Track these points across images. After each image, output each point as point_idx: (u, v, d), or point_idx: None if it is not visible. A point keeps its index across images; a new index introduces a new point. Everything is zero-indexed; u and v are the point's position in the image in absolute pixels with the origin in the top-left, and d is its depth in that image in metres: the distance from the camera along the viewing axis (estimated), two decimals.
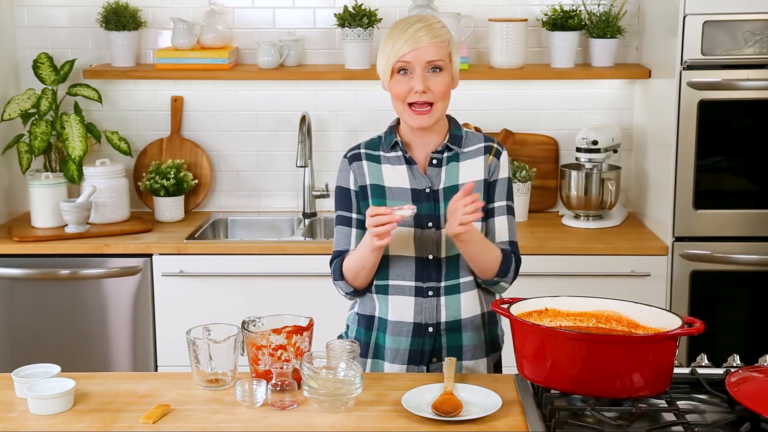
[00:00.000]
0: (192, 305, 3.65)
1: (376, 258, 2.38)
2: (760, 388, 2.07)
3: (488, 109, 4.11)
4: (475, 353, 2.47)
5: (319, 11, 4.10)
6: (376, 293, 2.48)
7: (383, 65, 2.40)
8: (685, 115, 3.52)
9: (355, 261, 2.41)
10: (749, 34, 3.46)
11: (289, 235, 4.05)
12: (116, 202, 3.91)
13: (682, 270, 3.59)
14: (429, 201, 2.43)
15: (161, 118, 4.17)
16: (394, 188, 2.44)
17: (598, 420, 2.03)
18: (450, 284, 2.44)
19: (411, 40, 2.34)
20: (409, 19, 2.40)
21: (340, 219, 2.50)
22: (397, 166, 2.46)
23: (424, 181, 2.44)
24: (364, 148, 2.51)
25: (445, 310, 2.44)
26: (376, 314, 2.49)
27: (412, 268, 2.43)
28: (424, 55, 2.34)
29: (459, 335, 2.45)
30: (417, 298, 2.44)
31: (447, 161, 2.45)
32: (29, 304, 3.71)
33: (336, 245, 2.51)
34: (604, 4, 3.99)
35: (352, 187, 2.49)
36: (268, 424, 2.11)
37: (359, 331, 2.53)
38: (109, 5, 4.01)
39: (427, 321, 2.44)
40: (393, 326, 2.46)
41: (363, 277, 2.43)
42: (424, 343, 2.45)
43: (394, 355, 2.47)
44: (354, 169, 2.49)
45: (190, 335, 2.30)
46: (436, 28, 2.37)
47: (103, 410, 2.19)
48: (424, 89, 2.34)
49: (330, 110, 4.14)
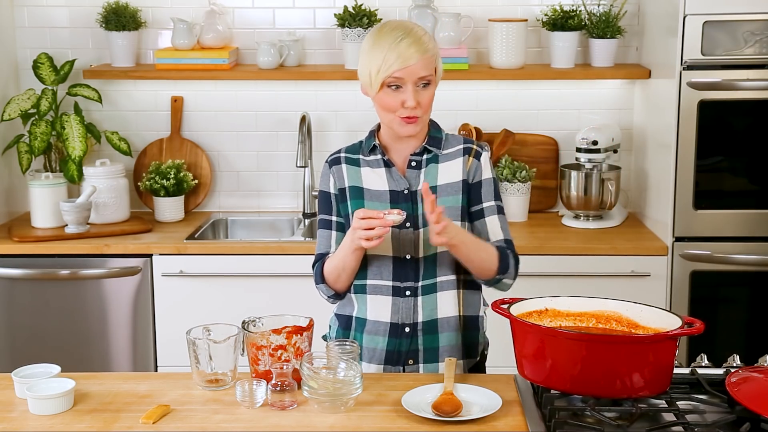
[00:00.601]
0: (192, 305, 3.65)
1: (356, 259, 2.40)
2: (760, 388, 2.07)
3: (488, 109, 4.11)
4: (452, 354, 2.47)
5: (319, 11, 4.10)
6: (354, 293, 2.50)
7: (369, 75, 2.37)
8: (685, 115, 3.52)
9: (335, 263, 2.43)
10: (749, 34, 3.46)
11: (289, 235, 4.05)
12: (116, 202, 3.91)
13: (682, 270, 3.59)
14: (407, 202, 2.44)
15: (161, 118, 4.17)
16: (372, 190, 2.46)
17: (598, 420, 2.03)
18: (427, 284, 2.45)
19: (402, 57, 2.32)
20: (397, 30, 2.36)
21: (322, 222, 2.54)
22: (376, 168, 2.48)
23: (402, 182, 2.45)
24: (344, 153, 2.54)
25: (421, 310, 2.44)
26: (354, 314, 2.50)
27: (389, 267, 2.45)
28: (416, 72, 2.34)
29: (435, 336, 2.46)
30: (394, 298, 2.45)
31: (426, 163, 2.47)
32: (29, 304, 3.71)
33: (318, 248, 2.53)
34: (604, 4, 3.99)
35: (332, 190, 2.51)
36: (268, 424, 2.11)
37: (338, 331, 2.55)
38: (109, 5, 4.01)
39: (403, 321, 2.45)
40: (370, 326, 2.47)
41: (344, 280, 2.45)
42: (401, 344, 2.46)
43: (371, 354, 2.48)
44: (333, 173, 2.51)
45: (190, 335, 2.30)
46: (424, 41, 2.36)
47: (103, 410, 2.19)
48: (415, 105, 2.36)
49: (330, 110, 4.14)
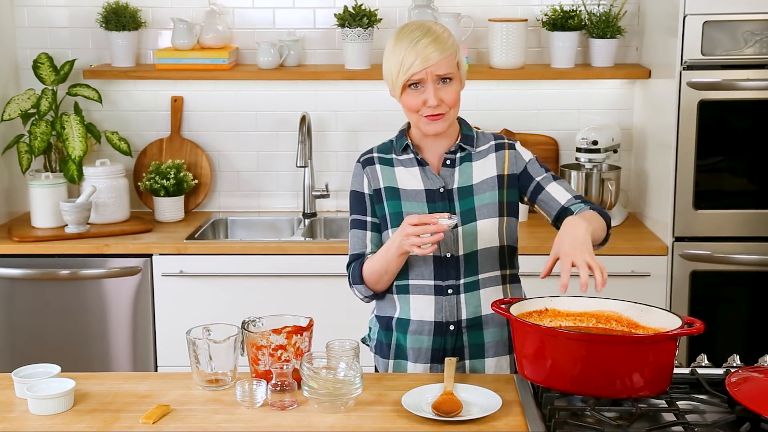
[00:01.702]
0: (192, 305, 3.65)
1: (401, 262, 2.39)
2: (760, 388, 2.07)
3: (488, 109, 4.11)
4: (498, 350, 2.47)
5: (319, 11, 4.10)
6: (396, 294, 2.48)
7: (392, 79, 2.38)
8: (685, 115, 3.52)
9: (378, 265, 2.41)
10: (749, 34, 3.46)
11: (289, 236, 4.05)
12: (116, 202, 3.91)
13: (682, 270, 3.59)
14: (444, 201, 2.43)
15: (161, 118, 4.17)
16: (408, 190, 2.45)
17: (598, 420, 2.03)
18: (469, 281, 2.44)
19: (421, 57, 2.32)
20: (415, 31, 2.36)
21: (355, 223, 2.51)
22: (410, 168, 2.47)
23: (438, 181, 2.45)
24: (377, 152, 2.52)
25: (465, 308, 2.44)
26: (395, 315, 2.49)
27: (430, 267, 2.44)
28: (436, 70, 2.34)
29: (480, 332, 2.45)
30: (437, 297, 2.44)
31: (460, 161, 2.46)
32: (29, 304, 3.72)
33: (352, 248, 2.51)
34: (604, 4, 4.00)
35: (366, 191, 2.50)
36: (268, 424, 2.11)
37: (380, 332, 2.53)
38: (109, 5, 4.01)
39: (447, 319, 2.44)
40: (414, 326, 2.46)
41: (385, 281, 2.45)
42: (446, 342, 2.45)
43: (416, 354, 2.47)
44: (368, 173, 2.50)
45: (190, 335, 2.30)
46: (443, 39, 2.36)
47: (103, 410, 2.19)
48: (437, 103, 2.36)
49: (330, 110, 4.14)
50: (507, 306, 2.23)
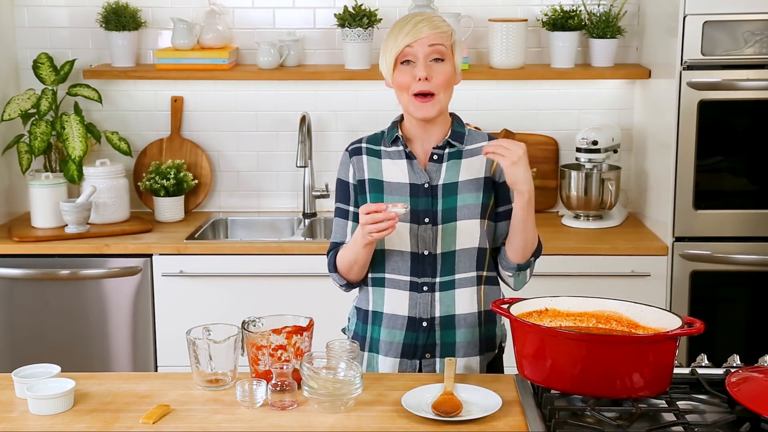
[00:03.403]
0: (192, 305, 3.65)
1: (368, 252, 2.40)
2: (760, 388, 2.07)
3: (488, 109, 4.11)
4: (468, 350, 2.48)
5: (319, 11, 4.10)
6: (372, 286, 2.50)
7: (386, 61, 2.41)
8: (685, 115, 3.52)
9: (348, 256, 2.44)
10: (749, 34, 3.46)
11: (289, 236, 4.05)
12: (116, 202, 3.91)
13: (682, 270, 3.59)
14: (427, 196, 2.43)
15: (161, 118, 4.17)
16: (392, 183, 2.46)
17: (598, 420, 2.03)
18: (445, 280, 2.44)
19: (412, 31, 2.36)
20: (410, 15, 2.43)
21: (338, 211, 2.54)
22: (397, 160, 2.47)
23: (423, 176, 2.45)
24: (366, 143, 2.53)
25: (439, 306, 2.45)
26: (370, 308, 2.51)
27: (407, 262, 2.45)
28: (426, 42, 2.36)
29: (453, 331, 2.46)
30: (412, 293, 2.45)
31: (448, 157, 2.46)
32: (29, 304, 3.71)
33: (333, 237, 2.54)
34: (604, 4, 3.99)
35: (351, 181, 2.51)
36: (268, 424, 2.11)
37: (358, 324, 2.55)
38: (109, 5, 4.01)
39: (421, 315, 2.45)
40: (388, 319, 2.48)
41: (356, 271, 2.46)
42: (418, 338, 2.46)
43: (387, 348, 2.48)
44: (354, 163, 2.51)
45: (190, 335, 2.30)
46: (436, 21, 2.41)
47: (103, 410, 2.19)
48: (426, 76, 2.36)
49: (330, 110, 4.14)
50: (507, 306, 2.23)
